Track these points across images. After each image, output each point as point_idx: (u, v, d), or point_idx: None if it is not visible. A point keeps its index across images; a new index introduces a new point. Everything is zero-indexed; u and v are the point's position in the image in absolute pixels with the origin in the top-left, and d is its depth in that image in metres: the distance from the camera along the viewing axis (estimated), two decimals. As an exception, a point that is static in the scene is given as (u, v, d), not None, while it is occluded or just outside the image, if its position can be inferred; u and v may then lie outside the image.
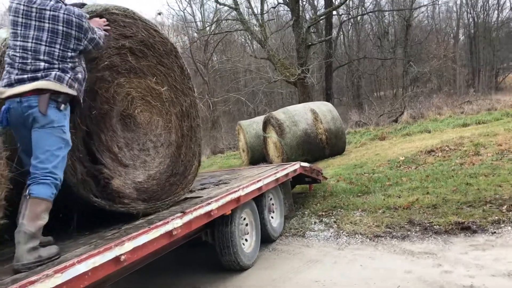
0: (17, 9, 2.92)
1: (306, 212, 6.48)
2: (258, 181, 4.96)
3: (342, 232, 5.43)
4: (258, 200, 5.28)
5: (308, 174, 6.80)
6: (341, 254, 4.82)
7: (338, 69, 31.52)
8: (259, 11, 24.37)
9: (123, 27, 3.81)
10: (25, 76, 2.82)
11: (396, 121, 19.23)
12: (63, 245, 3.00)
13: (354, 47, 34.49)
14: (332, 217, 6.02)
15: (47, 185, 2.74)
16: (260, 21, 24.39)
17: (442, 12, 40.32)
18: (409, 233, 5.08)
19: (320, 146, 11.60)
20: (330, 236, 5.42)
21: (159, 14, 43.11)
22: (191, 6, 43.20)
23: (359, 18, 33.24)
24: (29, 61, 2.87)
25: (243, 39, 35.58)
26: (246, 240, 4.91)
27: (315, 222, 5.93)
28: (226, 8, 25.54)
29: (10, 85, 2.82)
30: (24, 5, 2.92)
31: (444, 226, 5.04)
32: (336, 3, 23.86)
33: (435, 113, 18.43)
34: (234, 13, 23.36)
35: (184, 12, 35.86)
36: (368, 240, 5.12)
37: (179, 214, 3.44)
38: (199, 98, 29.21)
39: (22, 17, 2.91)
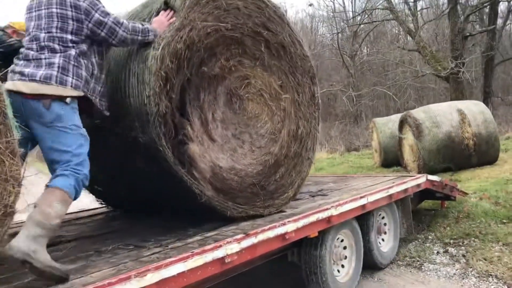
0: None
1: (429, 237, 5.33)
2: (361, 197, 4.08)
3: (471, 271, 4.25)
4: (363, 219, 4.39)
5: (438, 190, 5.62)
6: (464, 302, 3.72)
7: (505, 65, 27.68)
8: (412, -1, 22.48)
9: (267, 19, 3.70)
10: (27, 70, 2.57)
11: None
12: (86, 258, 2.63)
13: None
14: (462, 248, 4.81)
15: (65, 176, 2.52)
16: (413, 9, 22.44)
17: None
18: None
19: (466, 153, 9.91)
20: (455, 273, 4.28)
21: (310, 5, 42.84)
22: (342, -1, 42.15)
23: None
24: (32, 51, 2.66)
25: (395, 30, 33.41)
26: (342, 266, 4.08)
27: (438, 252, 4.79)
28: (379, -3, 24.00)
29: (11, 77, 2.57)
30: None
31: None
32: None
33: None
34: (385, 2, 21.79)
35: (333, 3, 34.75)
36: (505, 287, 3.89)
37: (238, 236, 2.79)
38: (343, 91, 28.31)
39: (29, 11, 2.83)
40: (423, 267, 4.51)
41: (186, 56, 3.13)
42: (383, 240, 4.80)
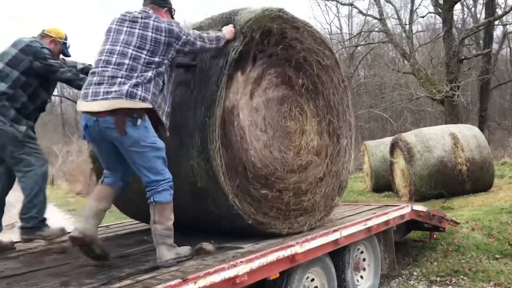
0: (113, 20, 3.10)
1: (415, 273, 4.86)
2: (333, 231, 3.63)
3: (458, 316, 3.78)
4: (338, 254, 3.93)
5: (425, 221, 5.17)
6: None
7: (501, 89, 27.47)
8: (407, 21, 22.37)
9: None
10: (101, 89, 2.82)
11: None
12: None
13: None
14: (449, 287, 4.33)
15: (165, 190, 2.95)
16: (408, 32, 22.29)
17: None
18: None
19: (459, 179, 9.48)
20: (439, 319, 3.80)
21: (307, 27, 42.81)
22: (338, 19, 42.32)
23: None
24: (111, 66, 2.88)
25: (392, 53, 33.31)
26: (312, 309, 3.61)
27: (422, 292, 4.32)
28: (376, 20, 23.87)
29: (85, 97, 2.85)
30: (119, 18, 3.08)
31: None
32: (500, 12, 20.60)
33: None
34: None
35: (330, 25, 34.75)
36: (496, 337, 3.42)
37: (172, 283, 2.33)
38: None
39: (116, 24, 3.05)
40: (405, 310, 4.03)
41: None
42: (361, 277, 4.33)
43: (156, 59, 2.95)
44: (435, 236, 5.95)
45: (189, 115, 3.32)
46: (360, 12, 22.43)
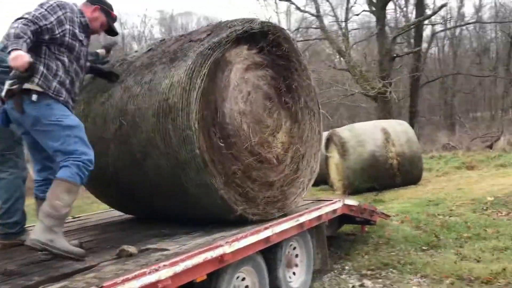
0: None
1: (346, 267, 4.89)
2: (265, 228, 3.54)
3: (387, 309, 3.82)
4: (270, 252, 3.85)
5: (356, 215, 5.23)
6: None
7: (430, 86, 28.84)
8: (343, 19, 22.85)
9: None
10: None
11: (490, 147, 16.67)
12: None
13: (450, 63, 31.54)
14: (379, 280, 4.39)
15: (67, 167, 2.82)
16: (343, 29, 22.79)
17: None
18: (486, 327, 3.37)
19: (390, 173, 9.79)
20: (369, 312, 3.83)
21: (246, 22, 42.62)
22: (277, 15, 42.55)
23: (457, 32, 30.31)
24: None
25: (329, 51, 33.96)
26: (243, 309, 3.51)
27: (353, 286, 4.34)
28: (313, 17, 24.15)
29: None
30: None
31: (544, 324, 3.28)
32: (429, 13, 21.57)
33: (540, 142, 15.65)
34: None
35: (269, 20, 34.70)
36: (422, 329, 3.48)
37: (86, 292, 2.14)
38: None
39: None
40: (336, 305, 4.03)
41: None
42: (294, 274, 4.28)
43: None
44: (366, 229, 6.06)
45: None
46: (298, 8, 22.66)
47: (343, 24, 22.77)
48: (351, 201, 5.13)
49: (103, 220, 4.79)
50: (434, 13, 21.02)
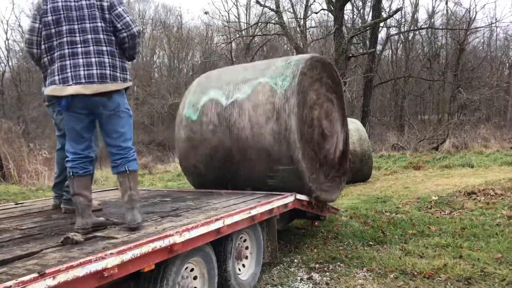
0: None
1: (295, 260, 4.94)
2: (216, 219, 3.51)
3: (333, 302, 3.89)
4: (220, 243, 3.83)
5: (307, 210, 5.29)
6: None
7: (383, 87, 29.63)
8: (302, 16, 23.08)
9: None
10: (98, 71, 3.08)
11: (436, 148, 17.38)
12: None
13: (402, 66, 32.51)
14: (327, 274, 4.46)
15: (134, 160, 3.31)
16: (302, 26, 23.03)
17: (500, 40, 37.40)
18: (426, 320, 3.50)
19: (341, 170, 9.97)
20: (316, 305, 3.88)
21: (206, 13, 42.24)
22: (237, 8, 42.44)
23: (410, 36, 31.26)
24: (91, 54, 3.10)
25: (287, 47, 34.19)
26: (190, 300, 3.47)
27: (301, 279, 4.39)
28: (273, 12, 24.20)
29: (78, 80, 3.04)
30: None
31: (479, 317, 3.44)
32: (385, 16, 22.12)
33: (481, 145, 16.48)
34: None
35: (228, 13, 34.60)
36: (366, 321, 3.57)
37: (25, 278, 2.04)
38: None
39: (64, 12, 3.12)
40: (284, 297, 4.06)
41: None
42: (243, 266, 4.28)
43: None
44: (316, 224, 6.16)
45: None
46: (258, 2, 22.64)
47: (302, 21, 23.04)
48: (303, 196, 5.17)
49: (48, 207, 4.59)
50: (390, 16, 21.63)
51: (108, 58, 3.15)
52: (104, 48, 3.14)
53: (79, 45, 3.09)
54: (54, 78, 3.07)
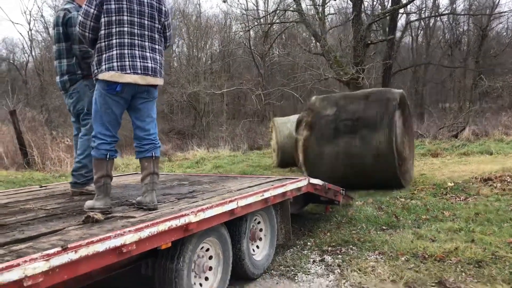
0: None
1: (308, 243, 5.06)
2: (230, 201, 3.64)
3: (345, 283, 3.98)
4: (234, 224, 3.97)
5: (321, 194, 5.39)
6: (332, 318, 3.42)
7: (403, 75, 29.30)
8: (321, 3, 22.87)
9: None
10: (152, 65, 3.43)
11: (456, 136, 17.17)
12: None
13: (423, 53, 32.07)
14: (339, 256, 4.57)
15: (159, 147, 3.58)
16: (320, 13, 22.85)
17: (524, 24, 36.47)
18: (435, 300, 3.58)
19: (358, 157, 10.03)
20: (328, 285, 3.97)
21: (224, 1, 42.21)
22: (256, -4, 42.18)
23: (431, 23, 30.77)
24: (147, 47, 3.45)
25: (305, 34, 33.98)
26: (206, 279, 3.61)
27: (314, 261, 4.51)
28: (291, 0, 24.04)
29: (135, 70, 3.32)
30: None
31: (488, 298, 3.51)
32: (404, 1, 21.80)
33: (502, 133, 16.22)
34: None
35: (246, 1, 34.47)
36: (376, 300, 3.67)
37: (50, 252, 2.19)
38: (252, 90, 28.26)
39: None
40: (296, 278, 4.17)
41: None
42: (257, 247, 4.42)
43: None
44: (330, 209, 6.26)
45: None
46: (276, -11, 22.47)
47: (320, 8, 22.85)
48: (316, 180, 5.27)
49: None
50: (410, 2, 21.28)
51: (159, 56, 3.52)
52: (157, 47, 3.50)
53: (136, 38, 3.35)
54: (113, 65, 3.27)
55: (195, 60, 34.66)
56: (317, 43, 22.85)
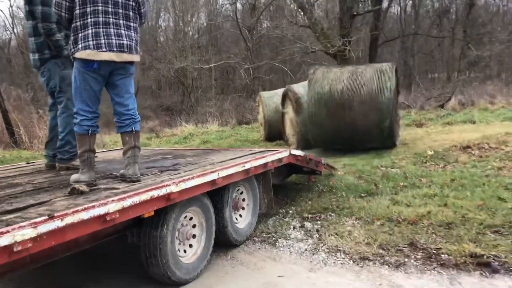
0: None
1: (290, 211, 5.28)
2: (211, 172, 3.81)
3: (322, 246, 4.22)
4: (217, 194, 4.15)
5: (302, 165, 5.58)
6: (310, 279, 3.63)
7: (391, 45, 29.30)
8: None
9: None
10: (127, 42, 3.54)
11: (442, 106, 17.42)
12: None
13: (411, 23, 31.99)
14: (318, 222, 4.80)
15: (139, 121, 3.75)
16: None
17: (513, -9, 36.41)
18: (406, 260, 3.81)
19: (342, 129, 10.24)
20: (306, 249, 4.22)
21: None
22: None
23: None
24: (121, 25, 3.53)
25: (293, 7, 33.69)
26: (190, 246, 3.81)
27: (294, 227, 4.73)
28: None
29: (111, 48, 3.44)
30: None
31: (455, 256, 3.74)
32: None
33: (487, 102, 16.48)
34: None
35: (233, -27, 33.97)
36: (351, 262, 3.89)
37: (37, 220, 2.36)
38: (240, 64, 28.16)
39: None
40: (277, 243, 4.40)
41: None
42: (240, 216, 4.63)
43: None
44: (313, 179, 6.46)
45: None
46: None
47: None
48: (298, 152, 5.45)
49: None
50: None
51: (134, 33, 3.62)
52: (132, 24, 3.60)
53: (111, 16, 3.45)
54: (89, 43, 3.38)
55: (181, 34, 34.32)
56: (304, 15, 22.80)
